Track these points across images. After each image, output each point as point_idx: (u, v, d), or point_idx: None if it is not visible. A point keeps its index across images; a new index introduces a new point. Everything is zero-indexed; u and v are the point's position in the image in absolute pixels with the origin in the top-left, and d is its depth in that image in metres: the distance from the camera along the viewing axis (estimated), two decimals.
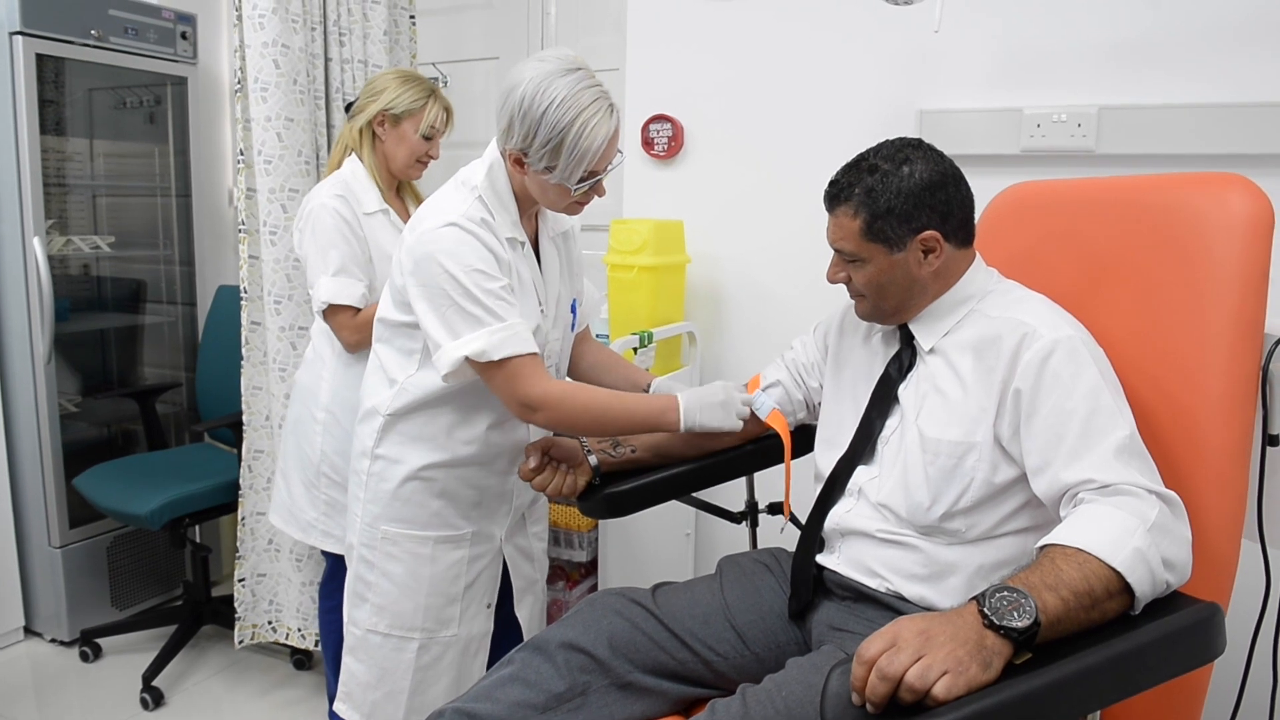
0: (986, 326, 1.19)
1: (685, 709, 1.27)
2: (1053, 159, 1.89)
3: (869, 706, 0.85)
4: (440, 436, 1.47)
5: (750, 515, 1.67)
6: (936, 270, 1.22)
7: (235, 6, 2.05)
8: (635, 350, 2.01)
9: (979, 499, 1.14)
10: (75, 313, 2.71)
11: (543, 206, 1.46)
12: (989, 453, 1.14)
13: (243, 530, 2.28)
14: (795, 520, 1.44)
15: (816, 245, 1.37)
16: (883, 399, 1.28)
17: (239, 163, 2.11)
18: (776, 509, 1.62)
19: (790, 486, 1.44)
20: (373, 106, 1.85)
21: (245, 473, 2.25)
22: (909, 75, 2.01)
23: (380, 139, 1.87)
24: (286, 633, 2.29)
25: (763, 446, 1.51)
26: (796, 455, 1.45)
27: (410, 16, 2.46)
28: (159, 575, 2.79)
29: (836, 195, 1.24)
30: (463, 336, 1.32)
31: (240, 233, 2.13)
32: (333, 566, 1.92)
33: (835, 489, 1.29)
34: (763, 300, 2.26)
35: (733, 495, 1.66)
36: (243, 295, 2.16)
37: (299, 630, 2.28)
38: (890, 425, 1.26)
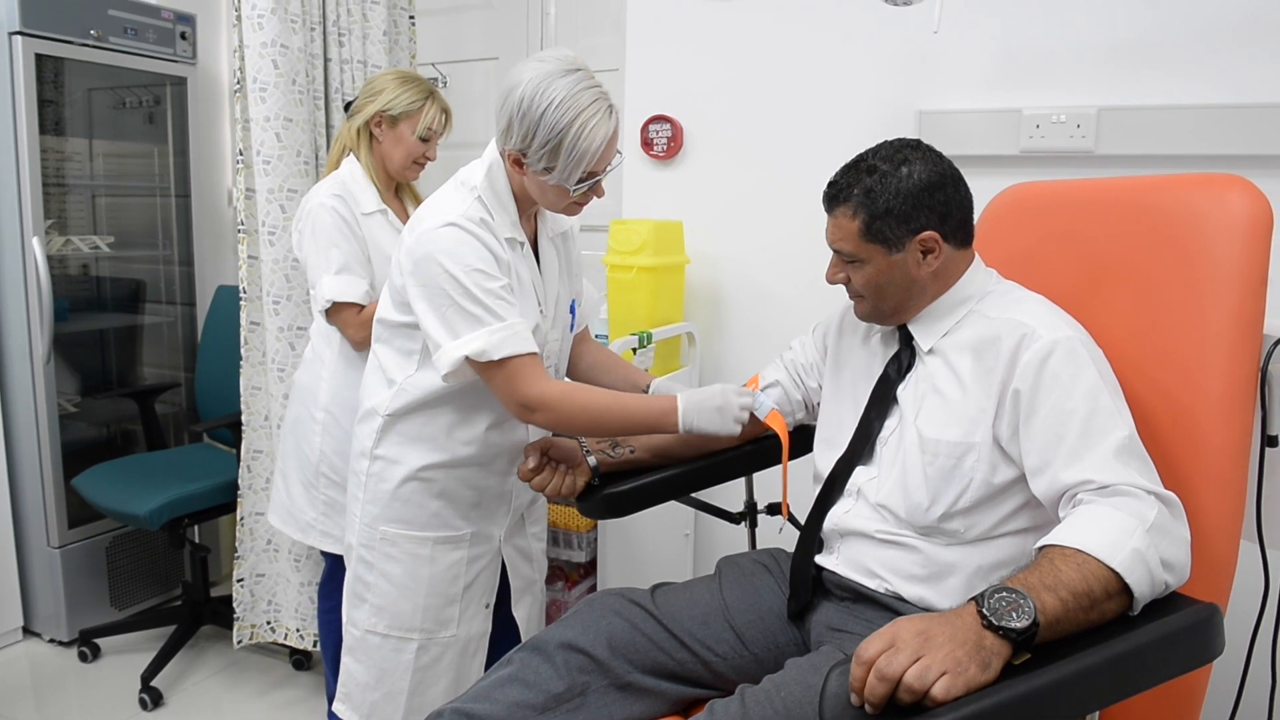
0: (985, 327, 1.19)
1: (684, 709, 1.27)
2: (1052, 160, 1.89)
3: (868, 707, 0.85)
4: (439, 437, 1.47)
5: (749, 516, 1.67)
6: (935, 271, 1.22)
7: (234, 7, 2.05)
8: (634, 351, 2.01)
9: (978, 499, 1.14)
10: (74, 313, 2.71)
11: (542, 207, 1.46)
12: (988, 453, 1.14)
13: (241, 530, 2.28)
14: (794, 521, 1.44)
15: (816, 246, 1.37)
16: (882, 399, 1.28)
17: (238, 163, 2.11)
18: (775, 509, 1.62)
19: (788, 487, 1.44)
20: (370, 107, 1.84)
21: (244, 473, 2.25)
22: (908, 76, 2.01)
23: (378, 140, 1.87)
24: (285, 633, 2.29)
25: (761, 447, 1.51)
26: (795, 456, 1.45)
27: (410, 17, 2.46)
28: (158, 575, 2.79)
29: (835, 196, 1.24)
30: (462, 336, 1.32)
31: (239, 233, 2.13)
32: (331, 567, 1.92)
33: (834, 489, 1.29)
34: (762, 301, 2.26)
35: (732, 496, 1.66)
36: (242, 295, 2.16)
37: (298, 630, 2.28)
38: (889, 426, 1.26)
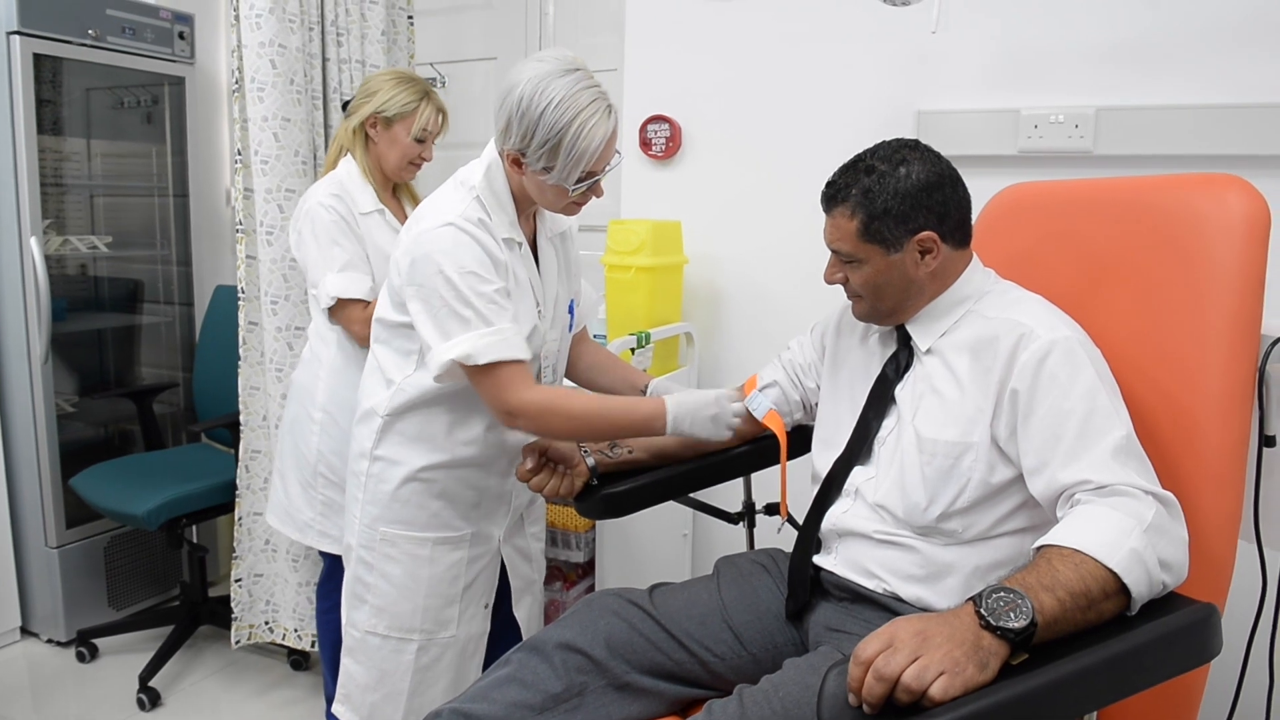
0: (984, 327, 1.19)
1: (682, 710, 1.27)
2: (1050, 160, 1.89)
3: (866, 707, 0.85)
4: (439, 437, 1.47)
5: (747, 516, 1.67)
6: (934, 271, 1.22)
7: (233, 6, 2.05)
8: (633, 351, 2.01)
9: (976, 499, 1.14)
10: (72, 313, 2.71)
11: (541, 207, 1.46)
12: (986, 453, 1.14)
13: (239, 530, 2.27)
14: (792, 521, 1.44)
15: (814, 246, 1.36)
16: (880, 399, 1.28)
17: (236, 163, 2.10)
18: (774, 509, 1.62)
19: (786, 487, 1.44)
20: (365, 108, 1.84)
21: (242, 473, 2.25)
22: (906, 76, 2.01)
23: (373, 141, 1.87)
24: (283, 633, 2.29)
25: (760, 447, 1.51)
26: (793, 456, 1.45)
27: (408, 16, 2.46)
28: (156, 575, 2.79)
29: (833, 196, 1.24)
30: (452, 339, 1.32)
31: (237, 233, 2.13)
32: (330, 567, 1.92)
33: (832, 490, 1.28)
34: (760, 301, 2.25)
35: (730, 496, 1.66)
36: (240, 295, 2.16)
37: (296, 631, 2.27)
38: (887, 426, 1.26)
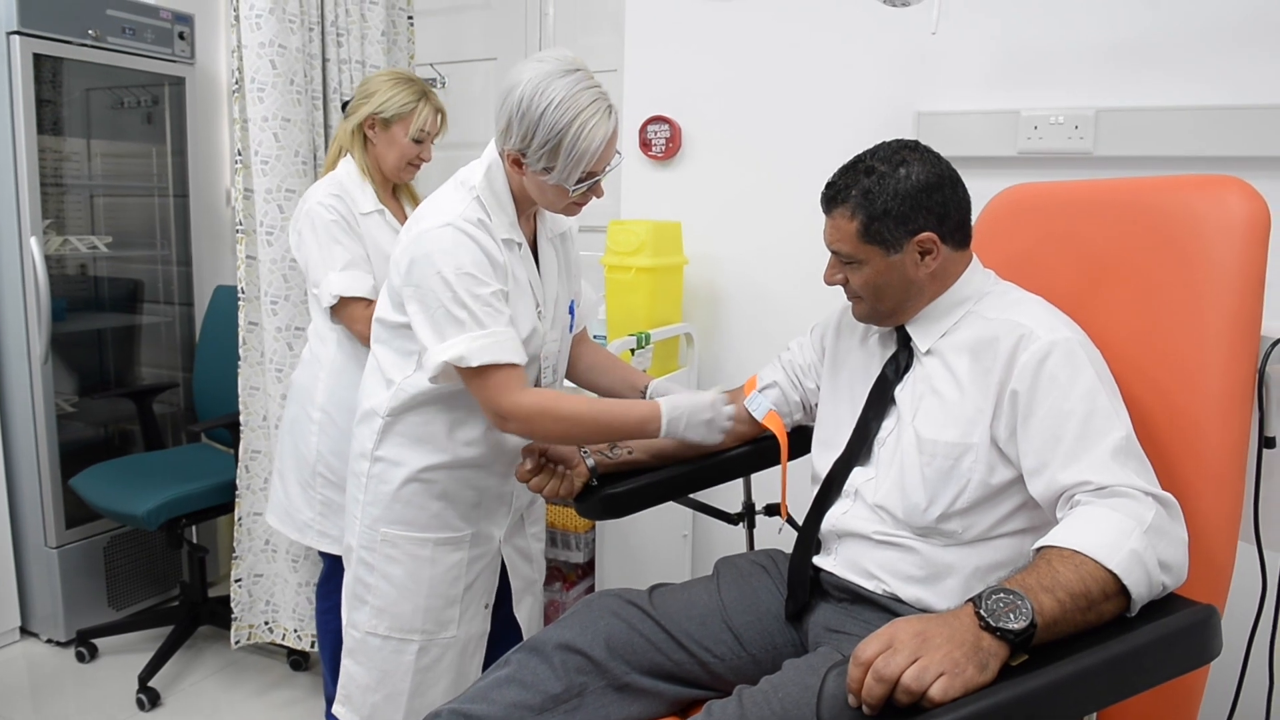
0: (983, 328, 1.19)
1: (682, 710, 1.27)
2: (1050, 161, 1.89)
3: (865, 708, 0.85)
4: (440, 438, 1.47)
5: (747, 517, 1.67)
6: (933, 272, 1.22)
7: (233, 7, 2.05)
8: (632, 351, 2.01)
9: (975, 500, 1.14)
10: (72, 313, 2.71)
11: (541, 207, 1.46)
12: (985, 454, 1.14)
13: (239, 531, 2.27)
14: (792, 522, 1.44)
15: (814, 247, 1.37)
16: (879, 400, 1.28)
17: (236, 163, 2.10)
18: (773, 510, 1.62)
19: (786, 488, 1.44)
20: (364, 109, 1.84)
21: (242, 473, 2.25)
22: (906, 77, 2.01)
23: (371, 142, 1.87)
24: (283, 633, 2.29)
25: (759, 448, 1.51)
26: (793, 457, 1.45)
27: (408, 17, 2.46)
28: (155, 575, 2.79)
29: (833, 197, 1.24)
30: (447, 340, 1.32)
31: (237, 233, 2.12)
32: (329, 567, 1.92)
33: (832, 490, 1.28)
34: (760, 301, 2.25)
35: (730, 496, 1.66)
36: (240, 296, 2.16)
37: (295, 631, 2.27)
38: (887, 426, 1.26)
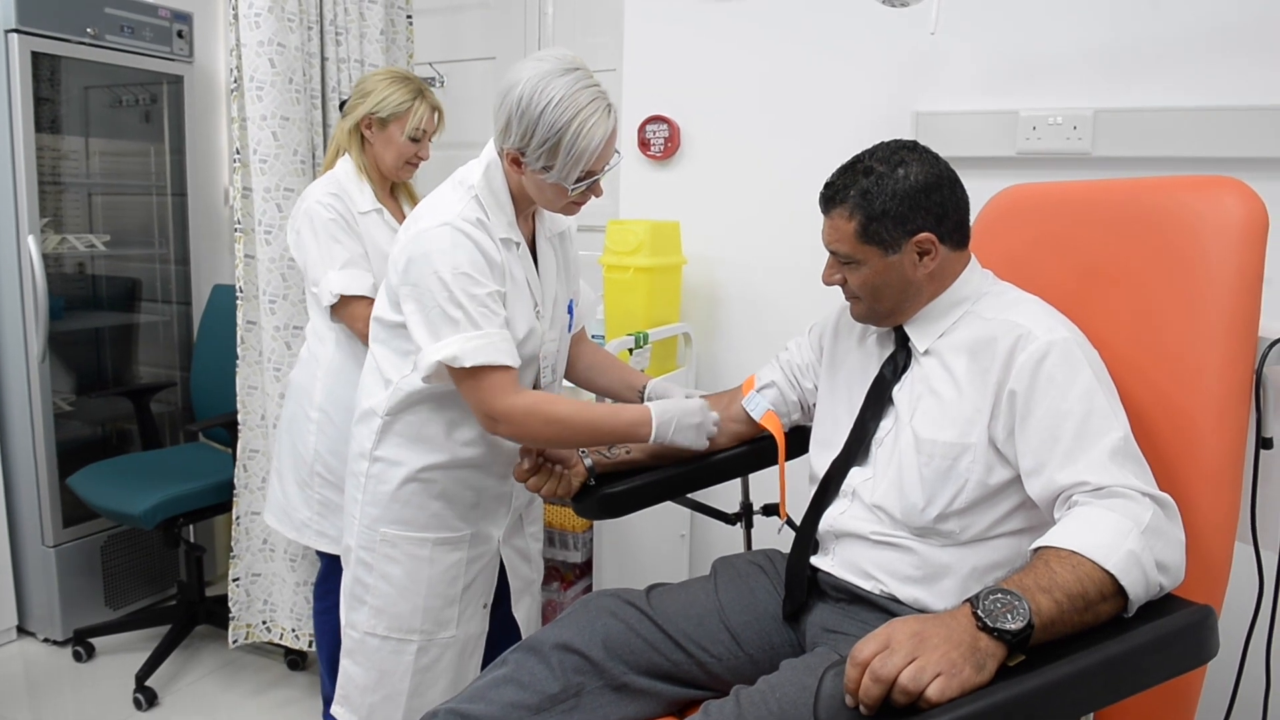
0: (981, 328, 1.19)
1: (679, 710, 1.27)
2: (1048, 161, 1.89)
3: (862, 708, 0.85)
4: (439, 438, 1.47)
5: (745, 516, 1.67)
6: (932, 272, 1.22)
7: (231, 5, 2.05)
8: (630, 351, 2.00)
9: (973, 500, 1.14)
10: (70, 311, 2.70)
11: (540, 207, 1.46)
12: (983, 454, 1.14)
13: (237, 530, 2.27)
14: (791, 523, 1.44)
15: (812, 247, 1.36)
16: (877, 400, 1.28)
17: (235, 161, 2.10)
18: (771, 510, 1.62)
19: (785, 488, 1.44)
20: (360, 109, 1.84)
21: (240, 472, 2.25)
22: (905, 77, 2.01)
23: (369, 141, 1.87)
24: (281, 633, 2.29)
25: (757, 448, 1.51)
26: (791, 457, 1.45)
27: (407, 16, 2.45)
28: (153, 575, 2.79)
29: (832, 197, 1.24)
30: (441, 340, 1.32)
31: (236, 232, 2.12)
32: (326, 566, 1.92)
33: (829, 490, 1.28)
34: (758, 301, 2.25)
35: (727, 496, 1.66)
36: (238, 294, 2.16)
37: (293, 631, 2.27)
38: (884, 427, 1.26)
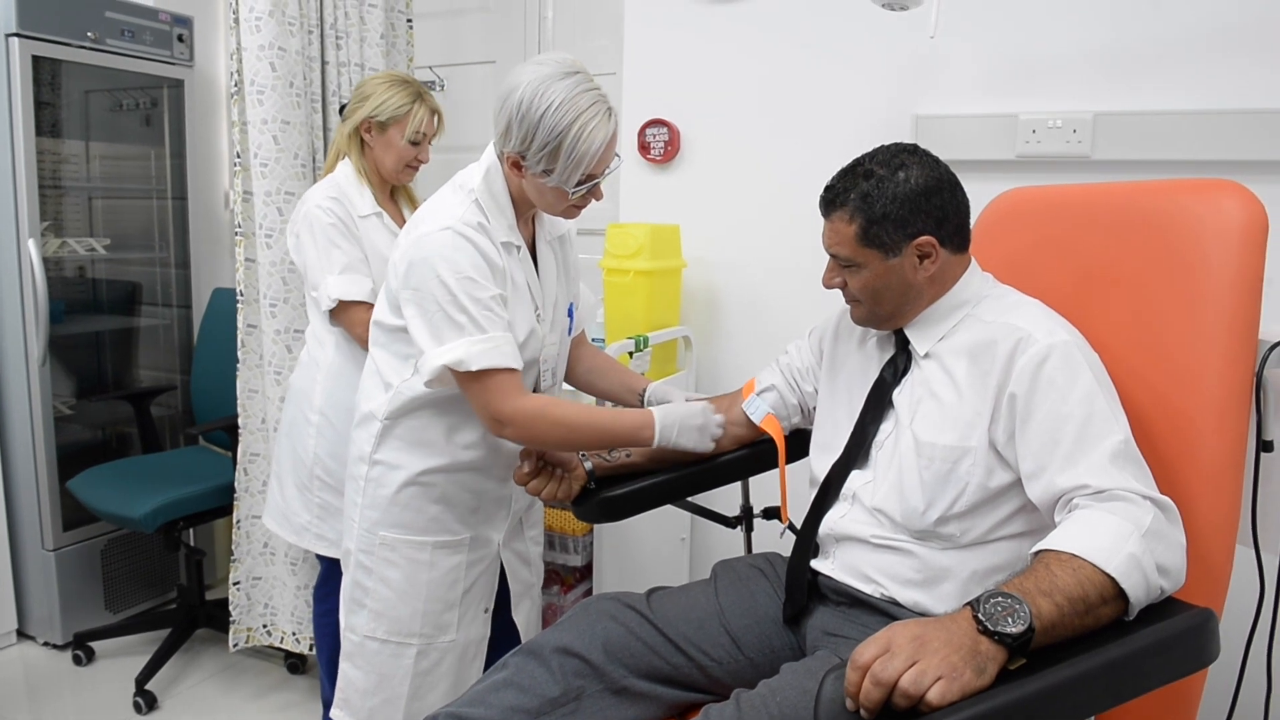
0: (982, 331, 1.19)
1: (679, 714, 1.27)
2: (1048, 164, 1.89)
3: (863, 712, 0.85)
4: (439, 441, 1.47)
5: (745, 520, 1.67)
6: (932, 275, 1.22)
7: (232, 9, 2.05)
8: (631, 355, 2.01)
9: (974, 503, 1.14)
10: (70, 315, 2.70)
11: (540, 210, 1.46)
12: (984, 457, 1.14)
13: (238, 534, 2.27)
14: (793, 527, 1.44)
15: (812, 250, 1.37)
16: (877, 403, 1.28)
17: (235, 165, 2.10)
18: (771, 514, 1.62)
19: (786, 492, 1.44)
20: (360, 112, 1.84)
21: (241, 476, 2.24)
22: (904, 80, 2.01)
23: (369, 145, 1.87)
24: (281, 636, 2.29)
25: (757, 451, 1.51)
26: (791, 460, 1.45)
27: (407, 20, 2.46)
28: (153, 578, 2.78)
29: (832, 200, 1.24)
30: (446, 344, 1.32)
31: (236, 235, 2.12)
32: (326, 570, 1.92)
33: (830, 494, 1.28)
34: (758, 305, 2.26)
35: (728, 500, 1.66)
36: (239, 298, 2.16)
37: (294, 634, 2.27)
38: (885, 430, 1.26)
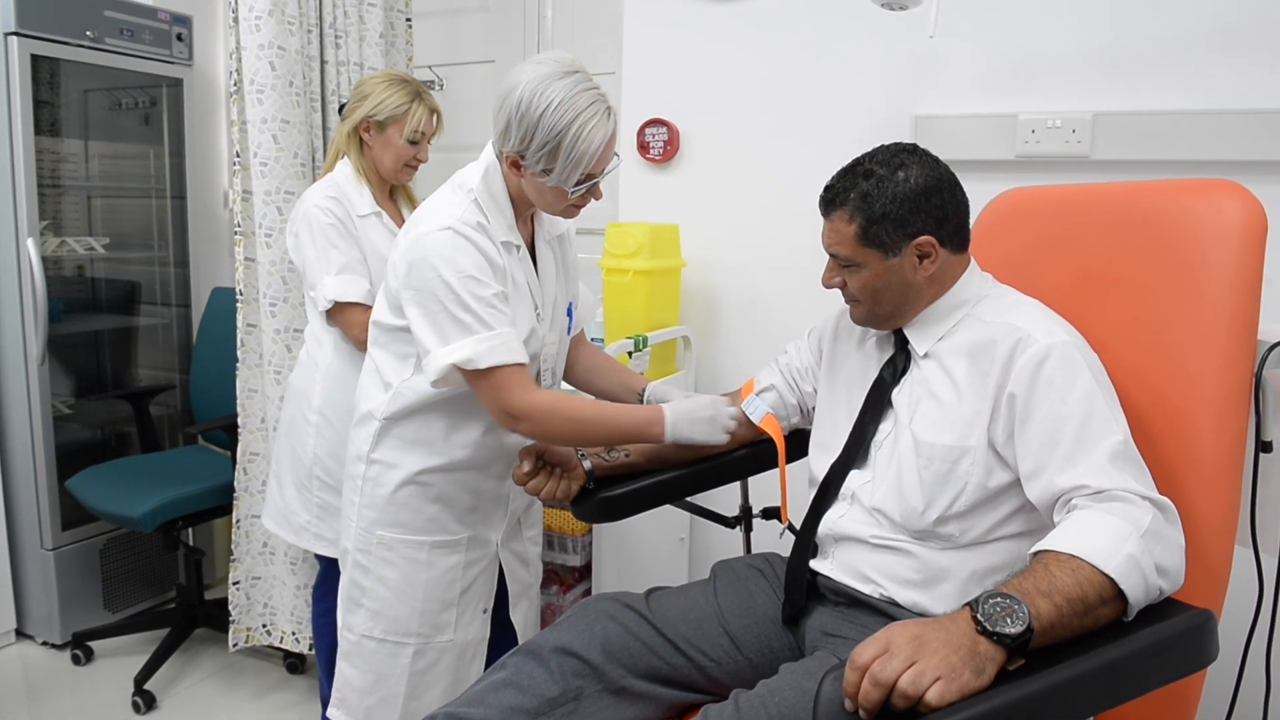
0: (981, 331, 1.19)
1: (678, 714, 1.27)
2: (1047, 165, 1.89)
3: (862, 712, 0.85)
4: (436, 441, 1.47)
5: (744, 520, 1.67)
6: (931, 275, 1.22)
7: (231, 8, 2.05)
8: (630, 354, 2.01)
9: (972, 503, 1.14)
10: (69, 314, 2.70)
11: (539, 209, 1.46)
12: (983, 457, 1.14)
13: (237, 533, 2.27)
14: (793, 527, 1.44)
15: (812, 249, 1.36)
16: (876, 403, 1.28)
17: (235, 165, 2.10)
18: (770, 514, 1.62)
19: (786, 492, 1.44)
20: (358, 112, 1.84)
21: (240, 475, 2.24)
22: (904, 80, 2.01)
23: (367, 144, 1.87)
24: (281, 636, 2.29)
25: (757, 451, 1.50)
26: (791, 460, 1.45)
27: (406, 19, 2.46)
28: (152, 578, 2.78)
29: (832, 200, 1.24)
30: (451, 343, 1.31)
31: (236, 235, 2.12)
32: (325, 570, 1.92)
33: (829, 494, 1.28)
34: (757, 305, 2.26)
35: (727, 500, 1.65)
36: (238, 298, 2.15)
37: (293, 634, 2.27)
38: (884, 430, 1.26)
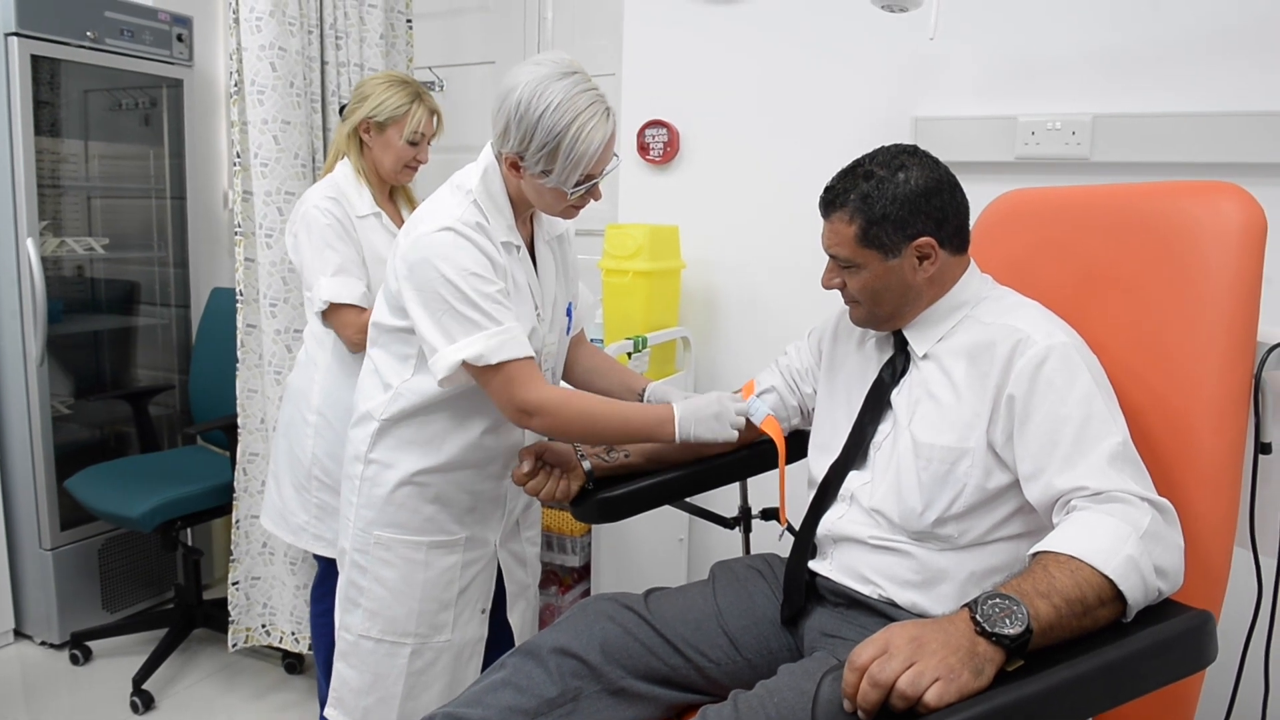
0: (980, 332, 1.19)
1: (677, 715, 1.27)
2: (1047, 166, 1.89)
3: (860, 713, 0.85)
4: (435, 441, 1.46)
5: (743, 521, 1.67)
6: (931, 276, 1.22)
7: (232, 9, 2.05)
8: (629, 355, 2.01)
9: (971, 504, 1.14)
10: (68, 314, 2.70)
11: (538, 210, 1.46)
12: (982, 458, 1.14)
13: (237, 533, 2.27)
14: (792, 529, 1.44)
15: (811, 251, 1.37)
16: (876, 404, 1.28)
17: (235, 165, 2.10)
18: (770, 514, 1.62)
19: (785, 493, 1.44)
20: (358, 113, 1.84)
21: (240, 476, 2.24)
22: (904, 82, 2.01)
23: (367, 145, 1.87)
24: (280, 636, 2.29)
25: (756, 452, 1.51)
26: (790, 461, 1.45)
27: (407, 20, 2.46)
28: (150, 578, 2.78)
29: (832, 201, 1.24)
30: (459, 341, 1.31)
31: (236, 235, 2.12)
32: (324, 570, 1.91)
33: (828, 495, 1.28)
34: (757, 306, 2.26)
35: (726, 501, 1.65)
36: (238, 298, 2.16)
37: (293, 634, 2.27)
38: (883, 431, 1.26)
